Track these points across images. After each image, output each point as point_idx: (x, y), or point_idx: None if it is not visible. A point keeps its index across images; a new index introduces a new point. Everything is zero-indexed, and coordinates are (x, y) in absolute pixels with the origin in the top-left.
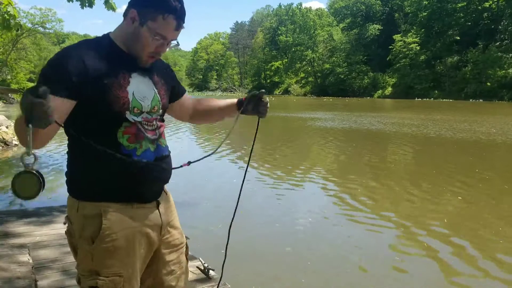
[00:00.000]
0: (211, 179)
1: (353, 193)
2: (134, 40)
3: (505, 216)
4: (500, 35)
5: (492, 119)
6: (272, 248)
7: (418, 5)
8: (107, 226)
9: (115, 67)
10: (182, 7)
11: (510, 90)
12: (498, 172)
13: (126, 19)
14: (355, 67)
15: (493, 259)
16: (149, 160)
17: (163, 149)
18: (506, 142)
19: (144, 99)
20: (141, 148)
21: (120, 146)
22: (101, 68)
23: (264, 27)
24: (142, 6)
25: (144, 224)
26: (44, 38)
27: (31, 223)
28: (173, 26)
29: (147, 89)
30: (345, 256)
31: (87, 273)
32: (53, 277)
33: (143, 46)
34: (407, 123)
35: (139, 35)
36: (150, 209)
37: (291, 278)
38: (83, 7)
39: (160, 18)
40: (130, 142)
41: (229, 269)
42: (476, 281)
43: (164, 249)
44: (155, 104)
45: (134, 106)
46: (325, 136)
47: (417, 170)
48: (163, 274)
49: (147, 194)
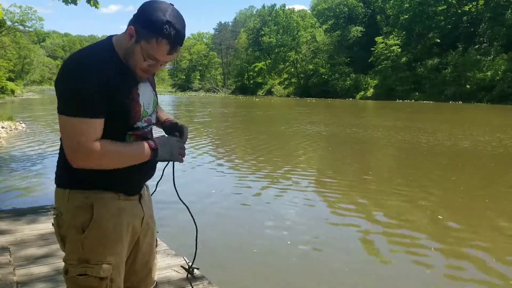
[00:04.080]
0: (191, 183)
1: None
2: (129, 55)
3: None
4: (479, 38)
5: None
6: (261, 248)
7: (400, 8)
8: (97, 216)
9: (128, 82)
10: (178, 33)
11: (488, 92)
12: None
13: (126, 34)
14: (338, 68)
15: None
16: (144, 164)
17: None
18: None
19: (149, 105)
20: None
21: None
22: (119, 86)
23: (247, 27)
24: (140, 25)
25: (130, 215)
26: (24, 36)
27: (12, 223)
28: (165, 51)
29: (149, 95)
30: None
31: (76, 262)
32: (35, 277)
33: (136, 63)
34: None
35: (133, 52)
36: (134, 201)
37: (280, 278)
38: (67, 3)
39: (153, 41)
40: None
41: (216, 269)
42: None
43: (142, 239)
44: (155, 107)
45: (144, 116)
46: (306, 139)
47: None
48: (138, 263)
49: (135, 186)
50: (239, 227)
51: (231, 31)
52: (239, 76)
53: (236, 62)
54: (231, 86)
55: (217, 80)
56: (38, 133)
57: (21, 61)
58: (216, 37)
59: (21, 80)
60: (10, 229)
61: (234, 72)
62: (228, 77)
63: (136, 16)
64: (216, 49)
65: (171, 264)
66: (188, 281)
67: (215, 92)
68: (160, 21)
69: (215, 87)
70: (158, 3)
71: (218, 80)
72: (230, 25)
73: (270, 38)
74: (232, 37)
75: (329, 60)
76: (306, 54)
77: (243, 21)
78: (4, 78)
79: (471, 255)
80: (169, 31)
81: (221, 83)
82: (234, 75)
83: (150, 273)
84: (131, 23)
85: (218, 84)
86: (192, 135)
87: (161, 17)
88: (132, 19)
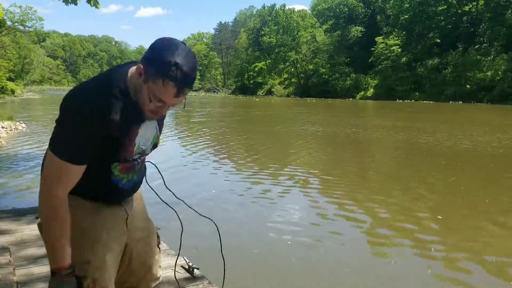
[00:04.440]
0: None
1: (338, 196)
2: (138, 93)
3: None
4: (479, 38)
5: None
6: (261, 248)
7: (400, 8)
8: (74, 215)
9: (130, 122)
10: (185, 76)
11: (488, 92)
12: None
13: (136, 71)
14: (338, 68)
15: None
16: (128, 188)
17: (143, 172)
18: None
19: (147, 142)
20: (127, 178)
21: (111, 175)
22: (121, 127)
23: (247, 27)
24: (148, 64)
25: (108, 216)
26: (24, 36)
27: (12, 223)
28: (172, 93)
29: (150, 132)
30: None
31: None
32: (35, 277)
33: (144, 102)
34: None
35: (142, 91)
36: (116, 205)
37: (280, 278)
38: (67, 3)
39: (160, 82)
40: (120, 172)
41: (217, 269)
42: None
43: (134, 239)
44: (154, 142)
45: (137, 152)
46: (304, 139)
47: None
48: (134, 264)
49: (113, 203)
50: (239, 227)
51: (231, 31)
52: (239, 76)
53: (236, 62)
54: (231, 86)
55: (217, 80)
56: (38, 133)
57: (21, 61)
58: (216, 37)
59: (21, 80)
60: (10, 229)
61: (234, 72)
62: (228, 77)
63: (146, 53)
64: (216, 49)
65: (171, 264)
66: (188, 281)
67: (215, 92)
68: (168, 62)
69: (215, 87)
70: (168, 41)
71: (218, 80)
72: (230, 25)
73: (270, 38)
74: (232, 37)
75: (329, 60)
76: (306, 54)
77: (243, 21)
78: (4, 78)
79: (472, 255)
80: (176, 73)
81: (221, 83)
82: (234, 75)
83: (150, 271)
84: (141, 60)
85: (218, 84)
86: (192, 136)
87: (169, 58)
88: (143, 55)
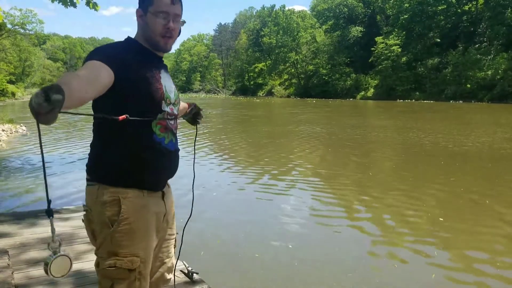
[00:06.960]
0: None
1: (342, 197)
2: (147, 30)
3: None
4: (479, 37)
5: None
6: (258, 251)
7: (399, 8)
8: (125, 211)
9: (149, 63)
10: None
11: (489, 91)
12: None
13: (137, 21)
14: (338, 68)
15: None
16: (172, 150)
17: (177, 144)
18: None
19: (171, 92)
20: (168, 138)
21: (153, 134)
22: (140, 62)
23: (247, 28)
24: (141, 2)
25: (153, 212)
26: (25, 39)
27: (12, 226)
28: (168, 0)
29: (171, 84)
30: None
31: (106, 255)
32: (35, 281)
33: (154, 29)
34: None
35: (147, 23)
36: (157, 198)
37: (280, 282)
38: (66, 6)
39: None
40: (161, 131)
41: (216, 274)
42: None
43: (161, 237)
44: (176, 98)
45: (167, 97)
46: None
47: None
48: (154, 261)
49: (160, 181)
50: (239, 232)
51: (231, 32)
52: (239, 77)
53: (237, 63)
54: (232, 87)
55: (217, 81)
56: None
57: (21, 63)
58: (216, 38)
59: (22, 83)
60: (10, 232)
61: (234, 73)
62: (228, 78)
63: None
64: (216, 50)
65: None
66: (187, 286)
67: (216, 93)
68: None
69: (216, 88)
70: None
71: (218, 81)
72: (230, 26)
73: (270, 39)
74: (232, 38)
75: (329, 61)
76: (306, 55)
77: (243, 22)
78: (5, 80)
79: (473, 256)
80: None
81: (221, 84)
82: (235, 76)
83: (164, 271)
84: (136, 12)
85: (218, 85)
86: (189, 135)
87: None
88: (136, 10)
